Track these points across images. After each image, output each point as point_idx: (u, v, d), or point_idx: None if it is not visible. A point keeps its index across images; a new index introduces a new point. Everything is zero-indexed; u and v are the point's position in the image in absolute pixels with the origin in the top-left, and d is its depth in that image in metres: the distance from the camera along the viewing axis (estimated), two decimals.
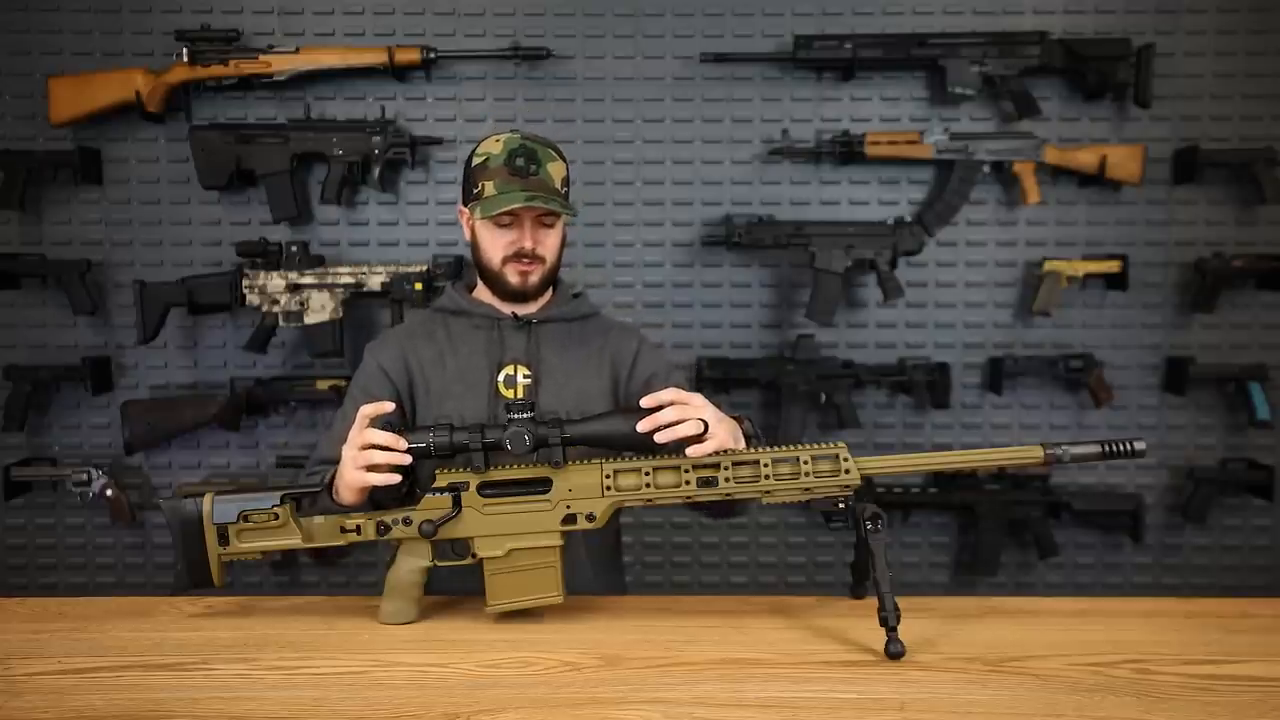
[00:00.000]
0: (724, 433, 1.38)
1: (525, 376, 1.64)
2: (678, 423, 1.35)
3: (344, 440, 1.45)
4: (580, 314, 1.73)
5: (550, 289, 1.73)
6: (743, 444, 1.42)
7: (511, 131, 1.64)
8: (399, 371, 1.67)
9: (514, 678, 1.23)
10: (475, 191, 1.61)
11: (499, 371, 1.64)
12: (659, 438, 1.36)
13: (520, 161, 1.58)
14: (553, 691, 1.19)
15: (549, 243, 1.64)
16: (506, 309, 1.68)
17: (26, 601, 1.52)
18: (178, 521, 1.44)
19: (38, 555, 2.67)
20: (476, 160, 1.62)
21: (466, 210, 1.66)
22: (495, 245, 1.63)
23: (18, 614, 1.48)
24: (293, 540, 1.44)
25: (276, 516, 1.43)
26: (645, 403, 1.38)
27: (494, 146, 1.60)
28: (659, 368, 1.72)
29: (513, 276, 1.64)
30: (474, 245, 1.67)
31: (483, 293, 1.71)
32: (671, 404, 1.37)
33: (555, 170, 1.62)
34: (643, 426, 1.36)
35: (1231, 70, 2.54)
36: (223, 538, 1.43)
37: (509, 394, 1.63)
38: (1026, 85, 2.50)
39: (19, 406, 2.54)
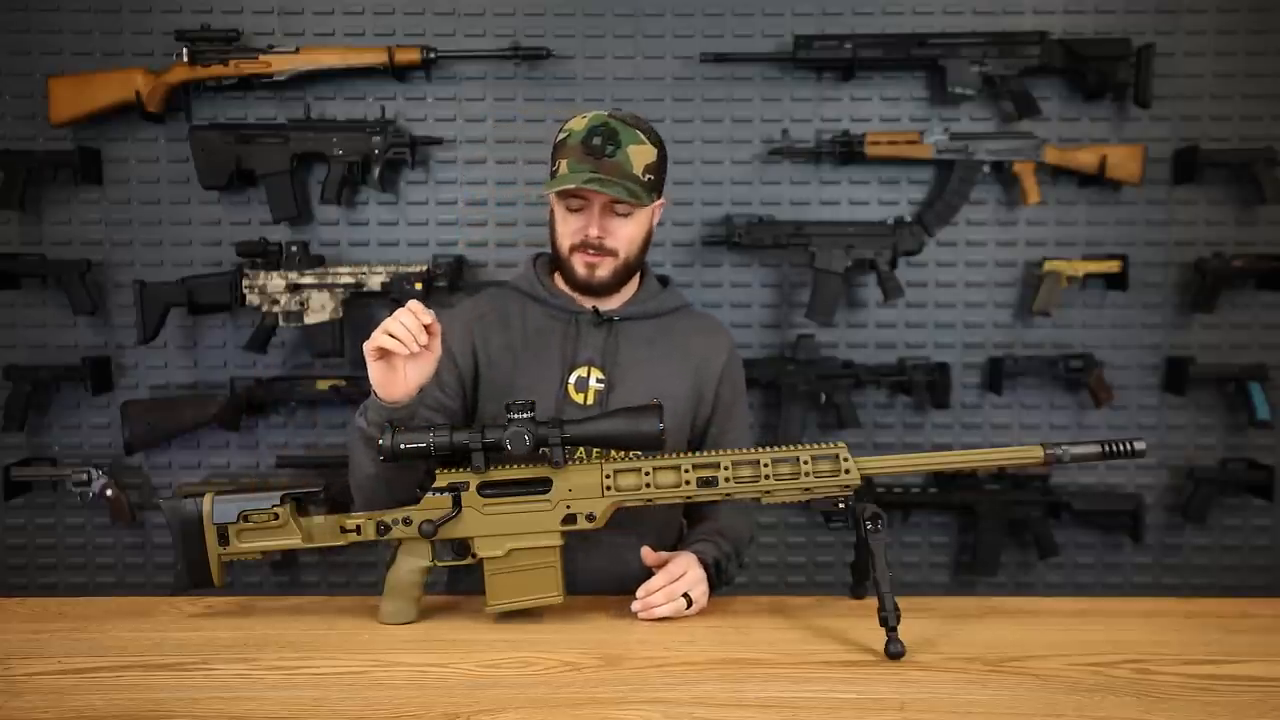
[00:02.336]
0: (699, 596, 1.43)
1: (599, 381, 1.55)
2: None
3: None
4: (667, 308, 1.63)
5: (637, 279, 1.63)
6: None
7: (604, 110, 1.52)
8: (465, 354, 1.58)
9: (514, 678, 1.23)
10: (553, 169, 1.52)
11: (571, 373, 1.56)
12: (640, 613, 1.41)
13: (597, 141, 1.47)
14: (553, 691, 1.19)
15: (621, 233, 1.52)
16: (587, 302, 1.58)
17: (26, 601, 1.52)
18: (178, 521, 1.44)
19: (38, 555, 2.67)
20: (559, 136, 1.52)
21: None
22: (564, 230, 1.53)
23: (18, 614, 1.48)
24: (293, 540, 1.44)
25: (276, 516, 1.43)
26: (646, 556, 1.46)
27: (578, 123, 1.50)
28: (737, 393, 1.67)
29: (579, 267, 1.54)
30: (550, 227, 1.57)
31: (562, 279, 1.60)
32: (664, 580, 1.42)
33: (638, 154, 1.49)
34: (635, 606, 1.41)
35: (1231, 70, 2.54)
36: (223, 538, 1.43)
37: (579, 398, 1.55)
38: (1026, 85, 2.50)
39: (19, 406, 2.54)
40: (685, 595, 1.43)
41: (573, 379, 1.55)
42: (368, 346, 1.35)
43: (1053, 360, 2.57)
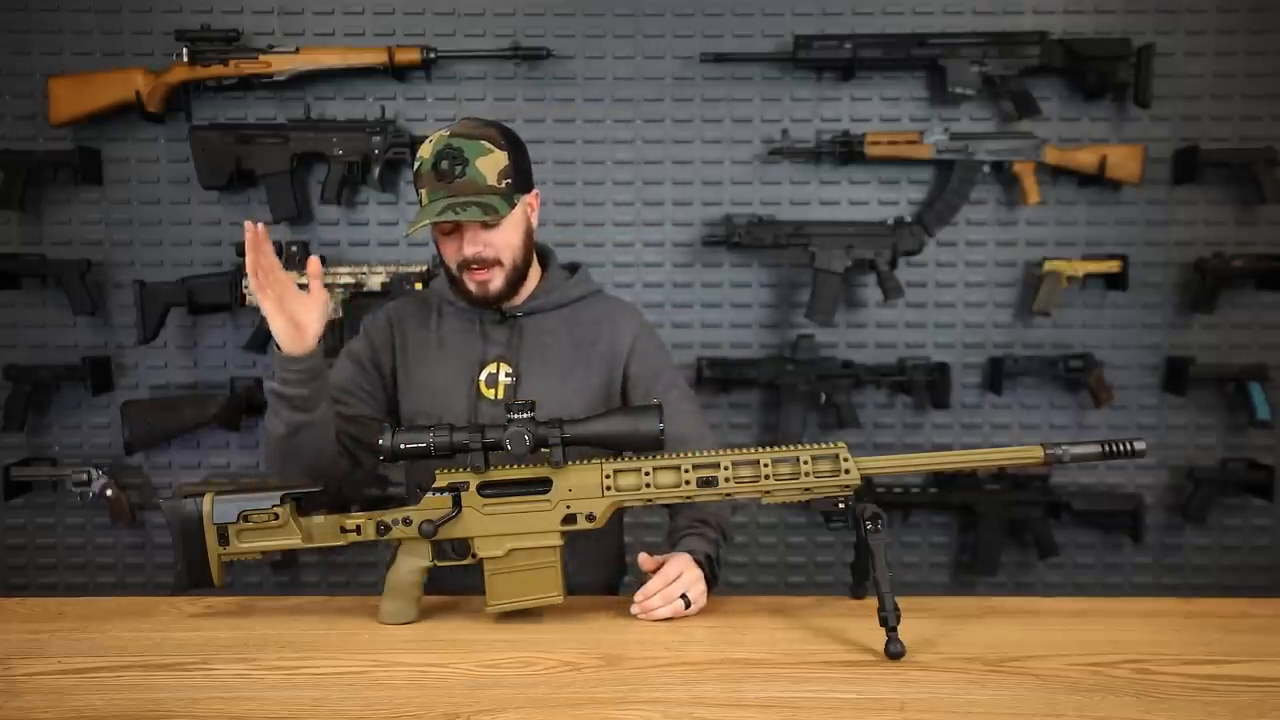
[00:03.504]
0: (698, 596, 1.44)
1: (507, 375, 1.59)
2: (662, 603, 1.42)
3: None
4: (572, 297, 1.65)
5: (537, 273, 1.64)
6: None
7: (445, 130, 1.52)
8: (385, 345, 1.64)
9: (514, 678, 1.23)
10: (418, 199, 1.54)
11: (481, 370, 1.59)
12: (638, 614, 1.42)
13: (445, 164, 1.48)
14: (553, 691, 1.19)
15: (497, 242, 1.52)
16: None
17: (26, 601, 1.52)
18: (178, 521, 1.44)
19: (38, 555, 2.67)
20: (415, 165, 1.53)
21: None
22: (447, 254, 1.56)
23: (18, 614, 1.48)
24: (293, 540, 1.43)
25: (276, 516, 1.43)
26: (642, 561, 1.47)
27: (426, 149, 1.50)
28: (654, 369, 1.64)
29: (471, 285, 1.55)
30: (437, 250, 1.60)
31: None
32: (660, 583, 1.42)
33: (488, 165, 1.49)
34: (633, 610, 1.42)
35: (1231, 70, 2.54)
36: (223, 538, 1.43)
37: (490, 393, 1.59)
38: (1026, 85, 2.50)
39: (19, 406, 2.54)
40: (683, 596, 1.43)
41: (483, 375, 1.60)
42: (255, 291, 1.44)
43: (1053, 360, 2.57)
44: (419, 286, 2.43)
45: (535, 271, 1.64)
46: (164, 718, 1.13)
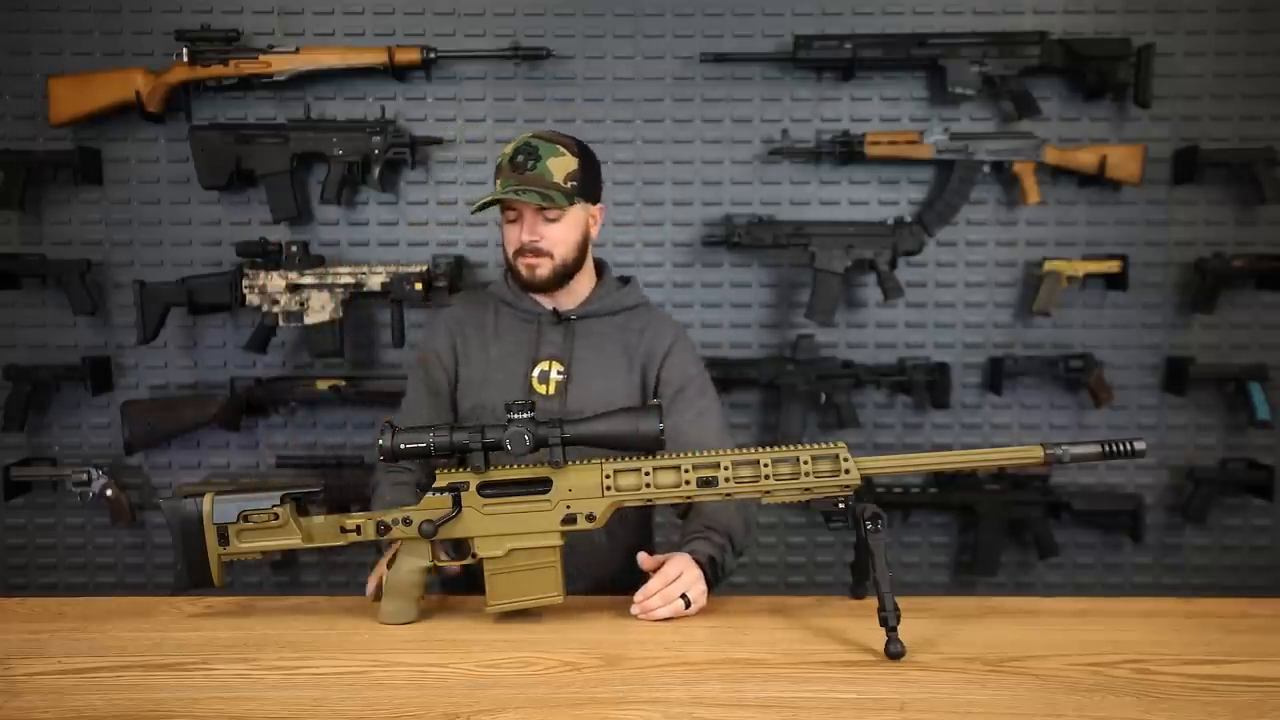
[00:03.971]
0: (698, 596, 1.45)
1: (559, 373, 1.69)
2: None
3: (409, 418, 1.69)
4: (623, 306, 1.76)
5: (593, 279, 1.77)
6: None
7: (531, 133, 1.70)
8: (445, 348, 1.75)
9: (514, 678, 1.23)
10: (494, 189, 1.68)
11: (534, 367, 1.69)
12: (638, 614, 1.43)
13: (520, 158, 1.64)
14: (553, 691, 1.19)
15: (552, 235, 1.66)
16: (548, 303, 1.73)
17: (26, 601, 1.52)
18: (178, 521, 1.44)
19: (38, 555, 2.67)
20: (497, 161, 1.69)
21: None
22: (507, 240, 1.70)
23: (18, 614, 1.48)
24: (293, 540, 1.44)
25: (276, 516, 1.43)
26: (642, 561, 1.49)
27: (509, 148, 1.68)
28: (685, 375, 1.73)
29: (521, 270, 1.68)
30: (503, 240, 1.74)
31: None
32: (660, 583, 1.44)
33: (557, 165, 1.65)
34: (633, 610, 1.43)
35: (1231, 70, 2.54)
36: (223, 538, 1.43)
37: (542, 389, 1.68)
38: (1026, 85, 2.50)
39: (19, 406, 2.54)
40: (683, 596, 1.43)
41: (536, 372, 1.70)
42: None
43: (1053, 360, 2.57)
44: (418, 286, 2.43)
45: (591, 280, 1.78)
46: (164, 718, 1.13)
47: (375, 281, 2.46)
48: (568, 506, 1.40)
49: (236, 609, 1.50)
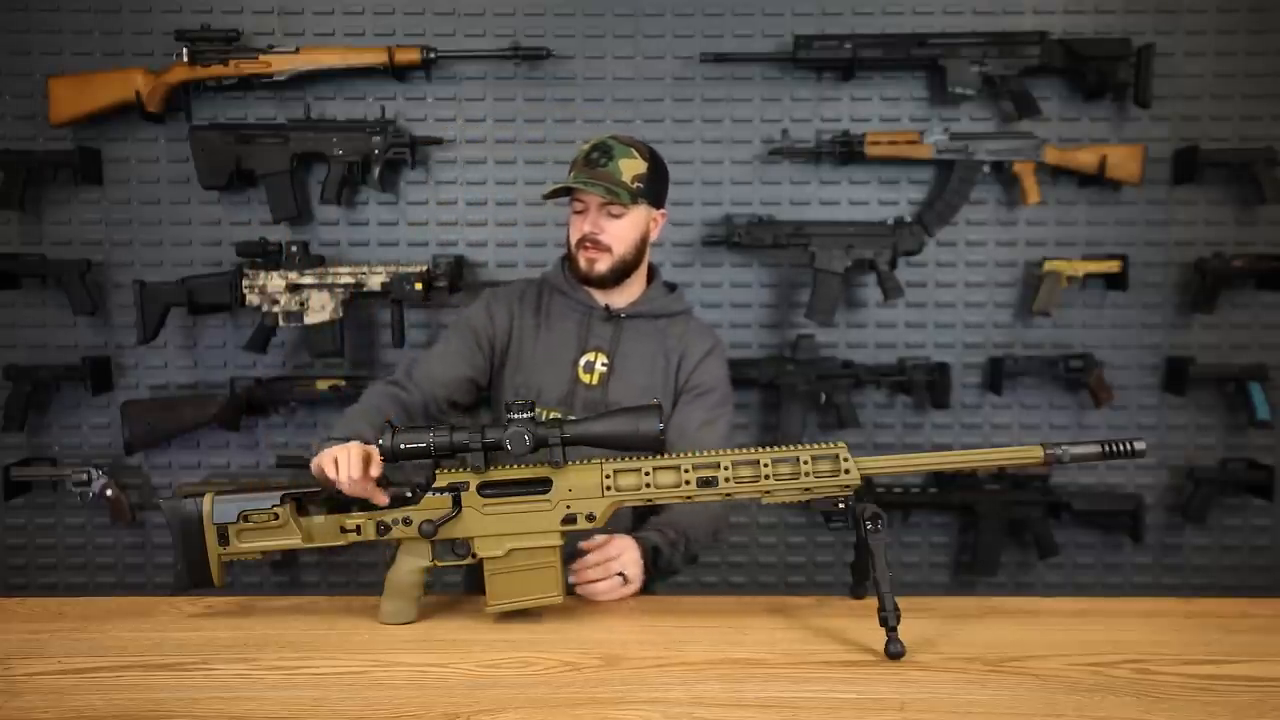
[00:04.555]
0: (635, 575, 1.51)
1: (604, 365, 1.76)
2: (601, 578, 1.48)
3: (427, 366, 1.74)
4: (669, 311, 1.83)
5: (644, 282, 1.84)
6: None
7: (610, 135, 1.78)
8: (503, 323, 1.80)
9: (514, 678, 1.23)
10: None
11: (582, 356, 1.77)
12: (579, 589, 1.48)
13: (595, 154, 1.73)
14: (553, 691, 1.19)
15: (613, 231, 1.73)
16: (601, 299, 1.79)
17: (26, 601, 1.52)
18: (178, 521, 1.44)
19: (38, 555, 2.67)
20: (575, 156, 1.77)
21: None
22: (572, 230, 1.77)
23: (18, 614, 1.48)
24: (293, 540, 1.44)
25: (276, 516, 1.43)
26: (584, 545, 1.52)
27: (587, 144, 1.76)
28: (711, 384, 1.78)
29: (582, 261, 1.75)
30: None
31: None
32: (599, 556, 1.49)
33: (628, 165, 1.72)
34: (572, 579, 1.47)
35: (1231, 70, 2.54)
36: (223, 538, 1.44)
37: (587, 378, 1.75)
38: (1026, 85, 2.50)
39: (19, 406, 2.54)
40: (621, 574, 1.47)
41: (583, 361, 1.77)
42: (314, 463, 1.45)
43: (1053, 360, 2.57)
44: (418, 286, 2.43)
45: (643, 282, 1.84)
46: (164, 718, 1.13)
47: (375, 281, 2.46)
48: (568, 506, 1.40)
49: (236, 609, 1.50)
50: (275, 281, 2.46)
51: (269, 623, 1.43)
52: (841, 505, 1.37)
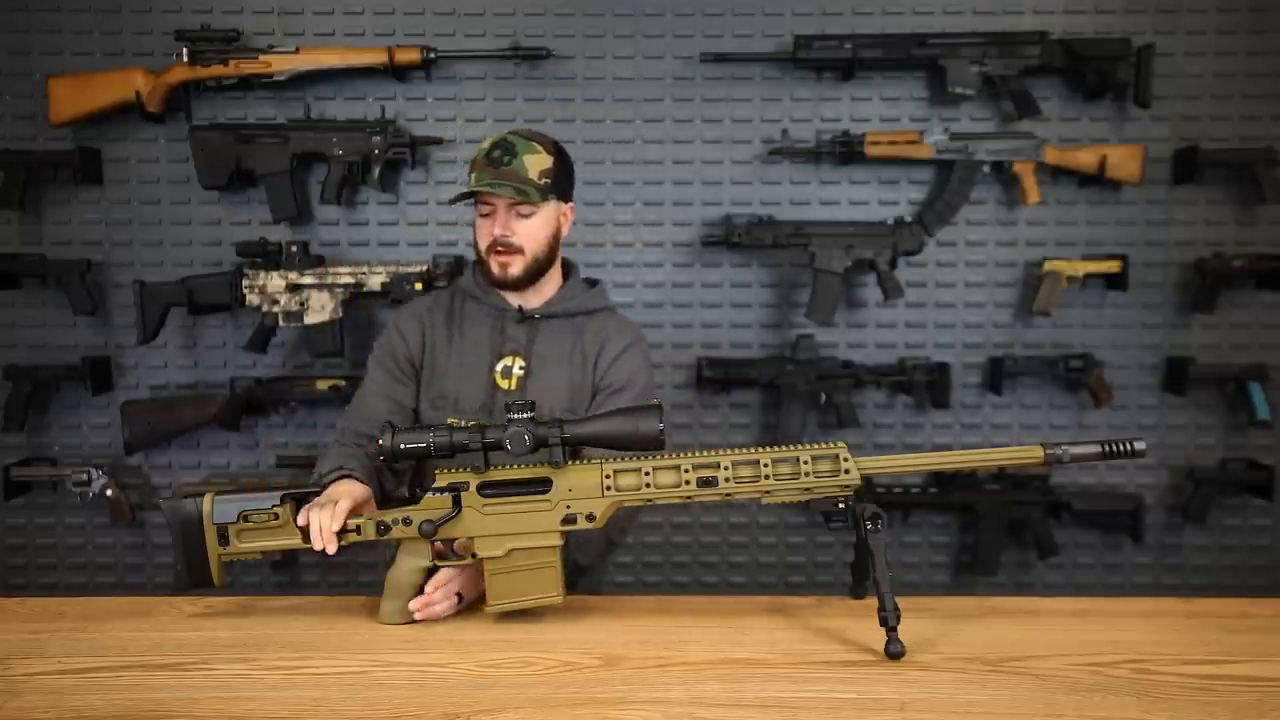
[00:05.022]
0: (478, 581, 1.46)
1: (520, 368, 1.72)
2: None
3: (365, 409, 1.70)
4: (586, 308, 1.78)
5: (560, 280, 1.79)
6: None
7: (509, 130, 1.73)
8: (415, 338, 1.76)
9: (514, 678, 1.23)
10: (468, 183, 1.70)
11: (498, 361, 1.72)
12: (419, 614, 1.44)
13: (496, 153, 1.66)
14: (553, 691, 1.19)
15: (524, 231, 1.69)
16: (514, 301, 1.75)
17: (26, 601, 1.52)
18: (178, 521, 1.44)
19: (38, 555, 2.67)
20: (473, 155, 1.71)
21: None
22: (480, 235, 1.72)
23: (18, 614, 1.48)
24: (293, 540, 1.44)
25: (276, 516, 1.43)
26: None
27: (486, 142, 1.70)
28: (629, 377, 1.73)
29: (493, 266, 1.71)
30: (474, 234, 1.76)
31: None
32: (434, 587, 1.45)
33: (533, 162, 1.67)
34: (414, 605, 1.43)
35: (1231, 70, 2.54)
36: (222, 538, 1.43)
37: (504, 384, 1.71)
38: (1026, 85, 2.50)
39: (19, 406, 2.54)
40: (459, 594, 1.46)
41: (499, 366, 1.73)
42: (301, 518, 1.44)
43: (1053, 360, 2.57)
44: (418, 286, 2.43)
45: (558, 280, 1.80)
46: (164, 718, 1.13)
47: (375, 281, 2.46)
48: (568, 506, 1.40)
49: (236, 609, 1.50)
50: (275, 281, 2.46)
51: (269, 623, 1.43)
52: (841, 505, 1.37)
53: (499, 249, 1.69)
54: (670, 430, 2.42)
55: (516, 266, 1.70)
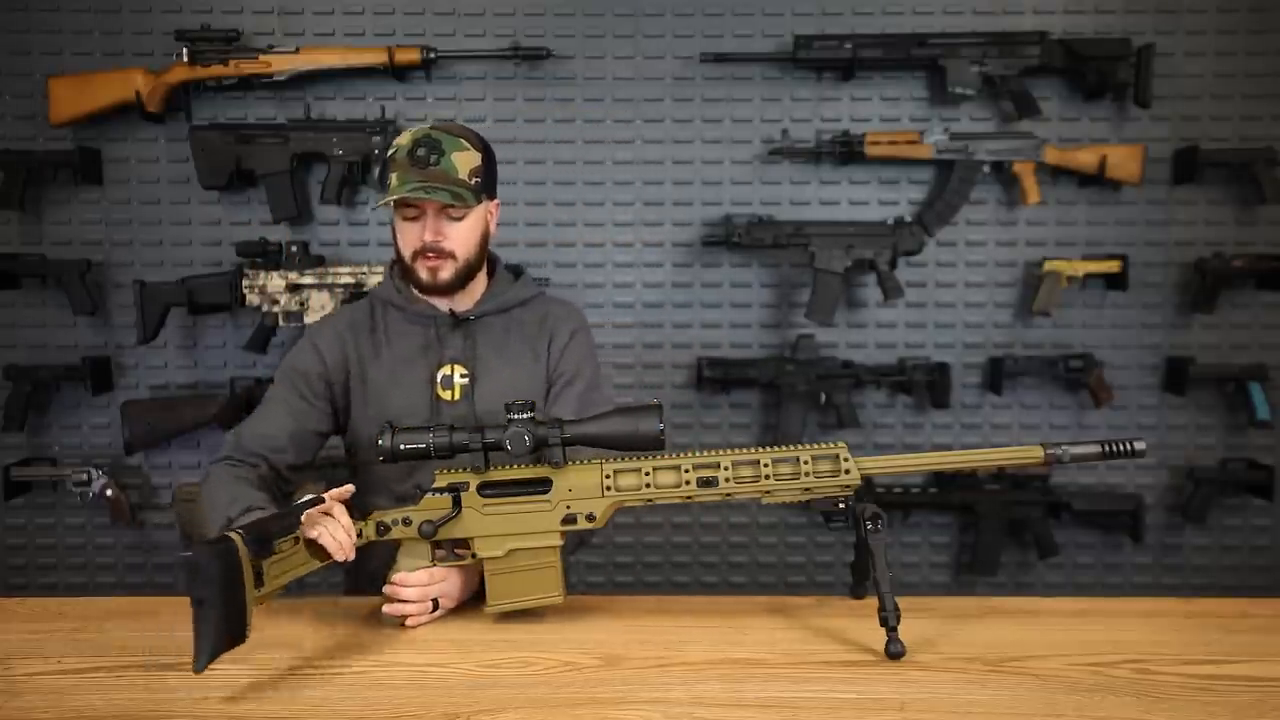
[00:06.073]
0: (459, 590, 1.45)
1: (462, 376, 1.63)
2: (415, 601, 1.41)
3: (263, 426, 1.58)
4: (519, 300, 1.70)
5: (485, 277, 1.69)
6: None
7: (426, 125, 1.60)
8: (336, 357, 1.64)
9: (514, 678, 1.23)
10: (385, 183, 1.59)
11: (438, 372, 1.63)
12: (386, 609, 1.41)
13: (421, 152, 1.55)
14: (553, 691, 1.19)
15: (455, 235, 1.58)
16: (443, 305, 1.65)
17: (26, 601, 1.52)
18: (219, 568, 1.17)
19: (38, 555, 2.67)
20: (390, 152, 1.59)
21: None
22: (405, 239, 1.60)
23: (18, 614, 1.48)
24: (310, 564, 1.35)
25: (297, 540, 1.33)
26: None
27: (405, 138, 1.57)
28: (578, 366, 1.68)
29: (423, 272, 1.60)
30: (393, 238, 1.65)
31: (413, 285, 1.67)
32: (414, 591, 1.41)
33: (462, 160, 1.56)
34: (388, 609, 1.40)
35: (1231, 70, 2.54)
36: (258, 576, 1.23)
37: (447, 395, 1.63)
38: (1026, 85, 2.50)
39: (19, 406, 2.54)
40: (434, 601, 1.42)
41: (439, 377, 1.63)
42: (307, 533, 1.35)
43: (1053, 360, 2.57)
44: None
45: (484, 277, 1.69)
46: (164, 718, 1.14)
47: (375, 281, 2.46)
48: (568, 506, 1.39)
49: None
50: (275, 281, 2.46)
51: (269, 623, 1.43)
52: (842, 505, 1.37)
53: (429, 254, 1.58)
54: (670, 430, 2.43)
55: (447, 271, 1.59)
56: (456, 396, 1.63)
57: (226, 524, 1.40)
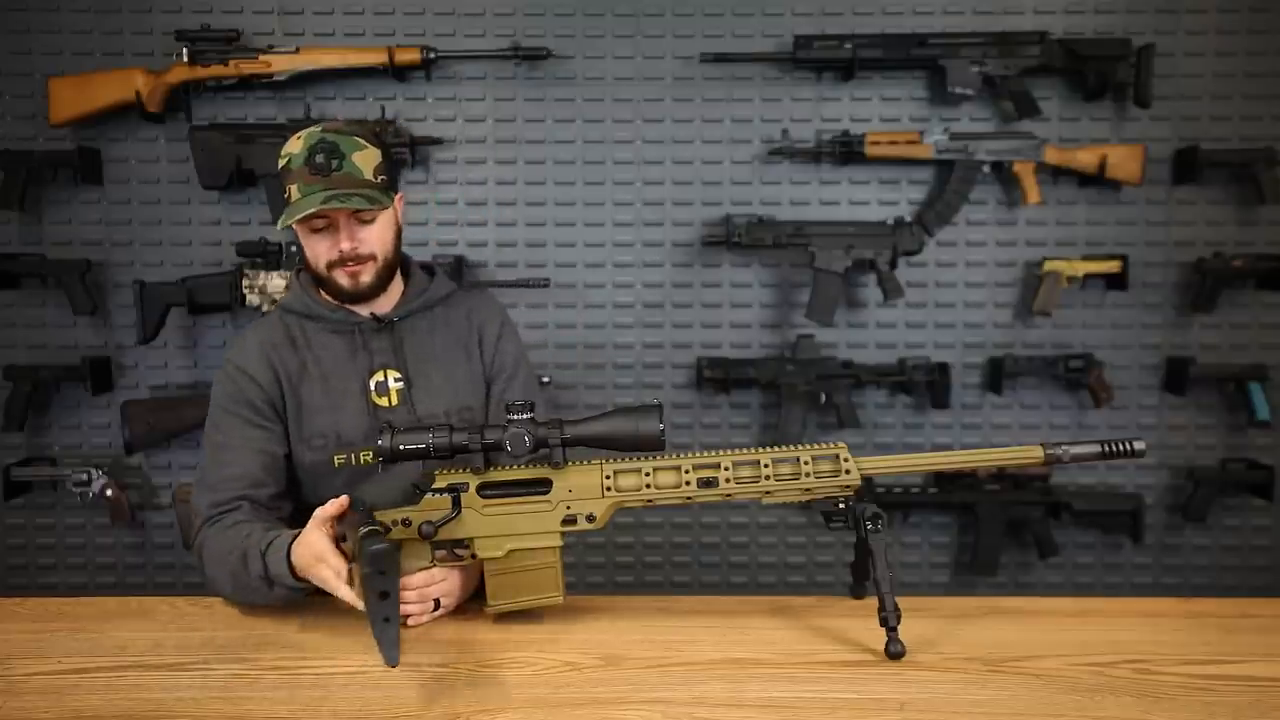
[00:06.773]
0: (459, 590, 1.45)
1: (396, 380, 1.59)
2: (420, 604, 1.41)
3: (227, 471, 1.50)
4: (439, 297, 1.67)
5: (401, 278, 1.65)
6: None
7: (315, 128, 1.53)
8: (268, 378, 1.57)
9: (514, 678, 1.23)
10: (284, 197, 1.53)
11: (370, 379, 1.59)
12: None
13: (320, 158, 1.48)
14: (553, 691, 1.19)
15: (371, 238, 1.53)
16: (364, 310, 1.60)
17: (27, 602, 1.52)
18: (397, 559, 1.23)
19: (38, 555, 2.67)
20: (281, 162, 1.52)
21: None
22: (316, 251, 1.55)
23: (18, 614, 1.48)
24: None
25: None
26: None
27: (295, 145, 1.51)
28: (514, 361, 1.68)
29: (342, 280, 1.55)
30: (300, 250, 1.60)
31: (328, 294, 1.61)
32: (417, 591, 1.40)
33: (363, 160, 1.51)
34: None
35: (1231, 70, 2.54)
36: None
37: (383, 402, 1.59)
38: (1026, 85, 2.50)
39: (19, 406, 2.54)
40: (436, 601, 1.42)
41: (373, 385, 1.59)
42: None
43: (1053, 360, 2.57)
44: None
45: (399, 276, 1.65)
46: (164, 718, 1.14)
47: None
48: (568, 507, 1.39)
49: (236, 609, 1.50)
50: (275, 281, 2.46)
51: (269, 623, 1.43)
52: (842, 505, 1.37)
53: (347, 262, 1.52)
54: (670, 430, 2.43)
55: (369, 274, 1.54)
56: (394, 402, 1.58)
57: (259, 558, 1.37)
